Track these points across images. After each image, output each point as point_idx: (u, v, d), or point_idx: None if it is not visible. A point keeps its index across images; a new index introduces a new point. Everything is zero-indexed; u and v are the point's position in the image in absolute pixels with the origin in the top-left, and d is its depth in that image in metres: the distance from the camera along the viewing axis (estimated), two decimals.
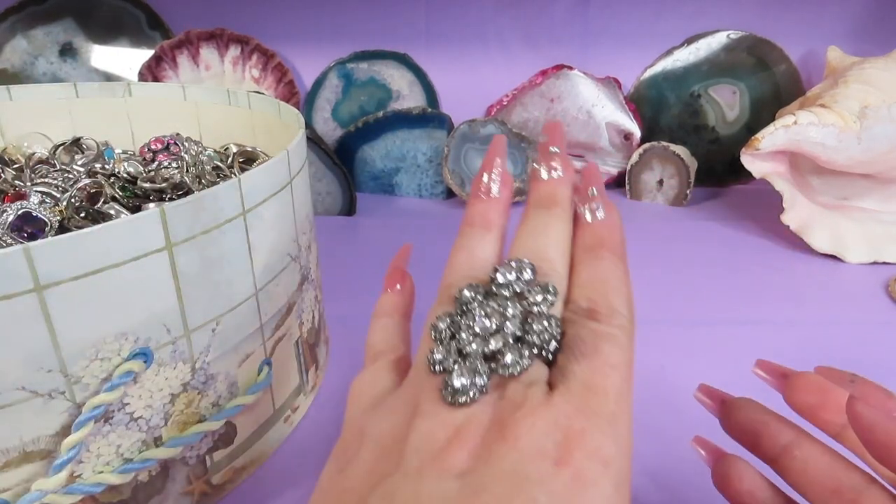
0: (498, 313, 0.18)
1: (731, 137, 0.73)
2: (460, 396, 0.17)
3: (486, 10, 0.73)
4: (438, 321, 0.19)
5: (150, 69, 0.69)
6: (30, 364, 0.20)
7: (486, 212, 0.23)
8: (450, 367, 0.18)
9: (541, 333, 0.18)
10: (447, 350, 0.18)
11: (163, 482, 0.26)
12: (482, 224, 0.22)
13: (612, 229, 0.22)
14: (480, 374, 0.17)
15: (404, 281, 0.25)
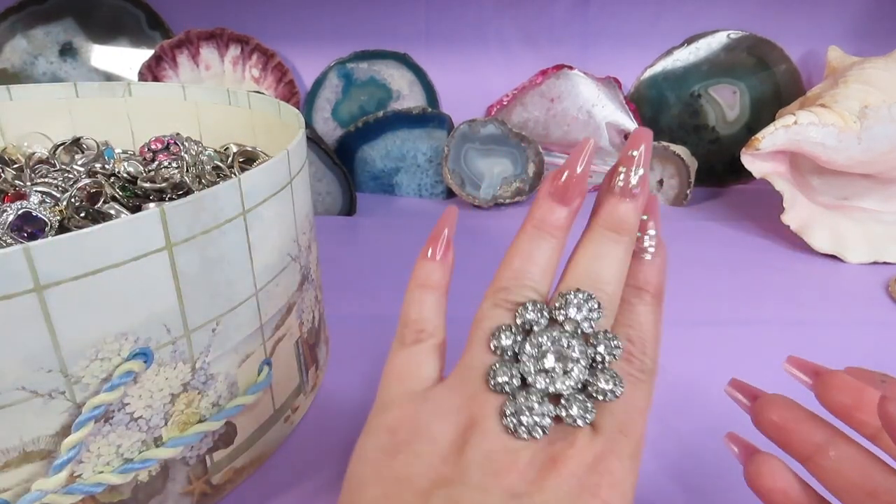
0: (565, 355, 0.19)
1: (731, 137, 0.73)
2: (524, 433, 0.18)
3: (486, 10, 0.73)
4: (501, 335, 0.20)
5: (150, 69, 0.69)
6: (30, 364, 0.20)
7: (556, 218, 0.22)
8: (515, 395, 0.19)
9: (606, 393, 0.19)
10: (510, 372, 0.19)
11: (163, 482, 0.26)
12: (549, 230, 0.22)
13: (660, 272, 0.22)
14: (546, 417, 0.19)
15: (448, 251, 0.23)
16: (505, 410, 0.19)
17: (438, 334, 0.22)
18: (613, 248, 0.21)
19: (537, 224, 0.22)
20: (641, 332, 0.21)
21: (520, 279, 0.21)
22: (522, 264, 0.21)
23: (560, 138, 0.71)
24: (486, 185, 0.66)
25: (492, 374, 0.19)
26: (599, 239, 0.21)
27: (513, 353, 0.20)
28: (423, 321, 0.22)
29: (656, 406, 0.36)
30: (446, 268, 0.23)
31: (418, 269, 0.23)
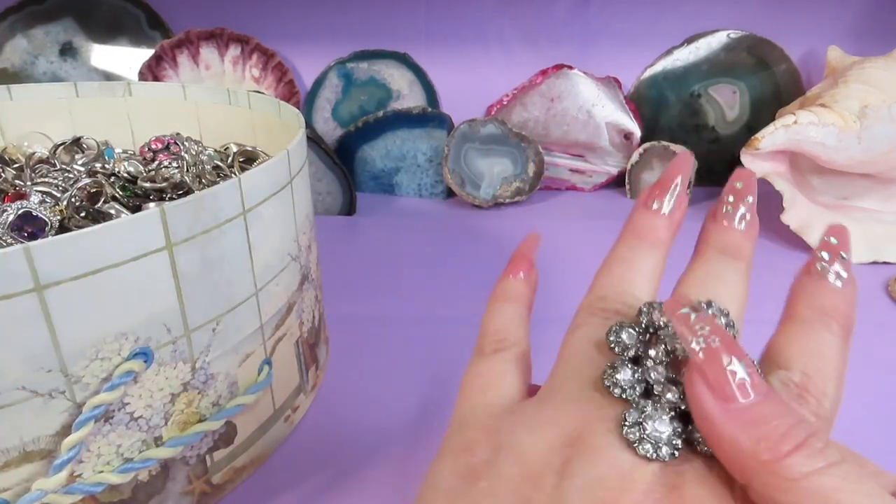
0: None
1: (731, 137, 0.73)
2: (649, 450, 0.15)
3: (486, 10, 0.72)
4: (622, 330, 0.17)
5: (151, 69, 0.69)
6: (30, 364, 0.20)
7: (657, 227, 0.20)
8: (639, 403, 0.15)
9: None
10: (633, 375, 0.16)
11: (163, 482, 0.26)
12: (652, 239, 0.20)
13: (851, 305, 0.18)
14: (678, 437, 0.15)
15: (531, 271, 0.22)
16: (627, 419, 0.15)
17: (521, 344, 0.20)
18: (729, 269, 0.19)
19: (637, 233, 0.20)
20: (823, 365, 0.17)
21: (621, 286, 0.19)
22: (623, 271, 0.19)
23: (560, 138, 0.71)
24: (485, 184, 0.66)
25: (611, 372, 0.16)
26: (715, 260, 0.19)
27: (633, 354, 0.16)
28: (504, 331, 0.20)
29: None
30: (530, 286, 0.22)
31: (498, 286, 0.22)
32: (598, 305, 0.19)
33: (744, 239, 0.20)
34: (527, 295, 0.22)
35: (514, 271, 0.22)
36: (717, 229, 0.20)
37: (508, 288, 0.22)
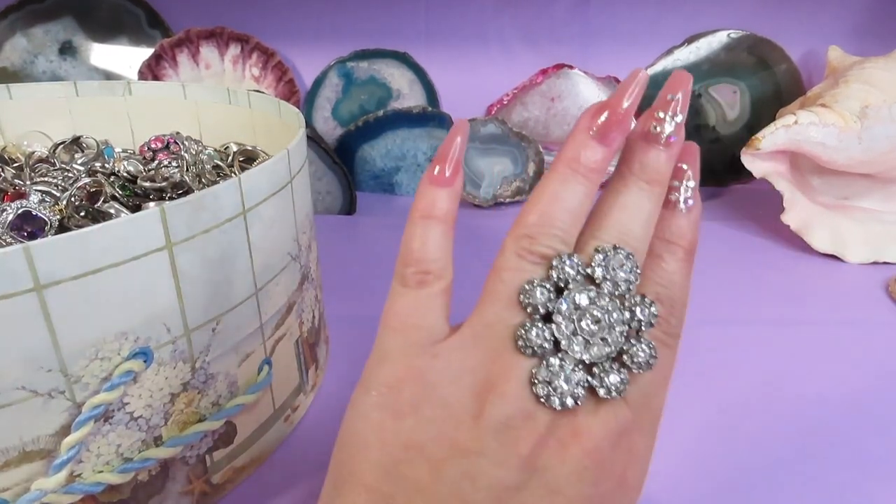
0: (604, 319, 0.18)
1: (731, 137, 0.72)
2: (556, 402, 0.17)
3: (487, 9, 0.72)
4: (536, 291, 0.18)
5: (150, 68, 0.69)
6: (30, 364, 0.20)
7: (593, 160, 0.19)
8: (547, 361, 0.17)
9: (641, 365, 0.18)
10: (544, 333, 0.17)
11: (163, 482, 0.26)
12: (585, 172, 0.19)
13: (695, 227, 0.21)
14: (580, 386, 0.17)
15: (457, 175, 0.20)
16: (537, 375, 0.17)
17: (446, 276, 0.19)
18: (643, 200, 0.19)
19: (571, 163, 0.19)
20: (671, 291, 0.19)
21: (547, 226, 0.18)
22: (551, 208, 0.18)
23: (560, 137, 0.71)
24: (486, 184, 0.66)
25: (523, 333, 0.17)
26: (629, 188, 0.19)
27: (545, 312, 0.18)
28: (428, 261, 0.19)
29: None
30: (454, 195, 0.20)
31: (422, 196, 0.20)
32: (525, 246, 0.18)
33: (664, 161, 0.19)
34: (453, 209, 0.20)
35: (439, 175, 0.20)
36: (639, 148, 0.19)
37: (435, 202, 0.19)
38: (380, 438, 0.17)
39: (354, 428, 0.18)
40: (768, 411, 0.36)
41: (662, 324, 0.19)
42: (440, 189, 0.20)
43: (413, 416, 0.17)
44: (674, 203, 0.20)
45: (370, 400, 0.18)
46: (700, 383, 0.38)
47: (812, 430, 0.35)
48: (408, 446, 0.17)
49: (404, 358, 0.18)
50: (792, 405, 0.37)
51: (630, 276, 0.18)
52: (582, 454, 0.17)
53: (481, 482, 0.17)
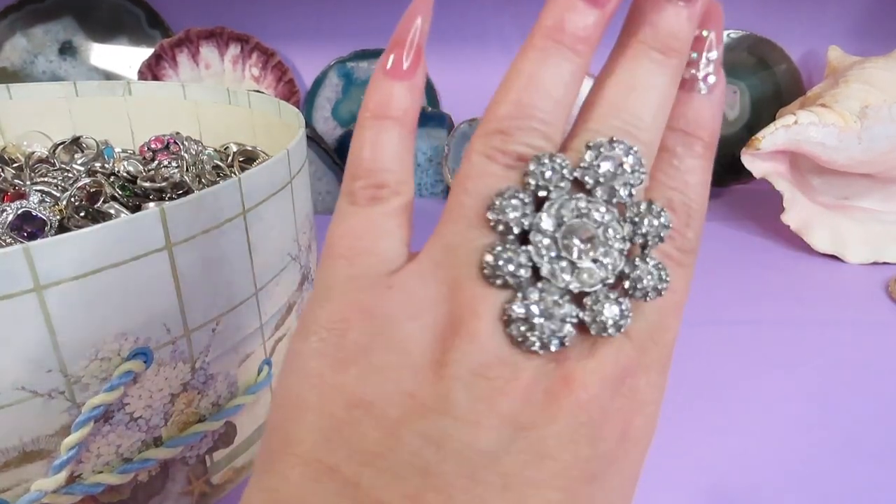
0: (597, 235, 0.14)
1: (731, 137, 0.72)
2: (536, 345, 0.13)
3: (487, 9, 0.72)
4: (506, 204, 0.14)
5: (150, 68, 0.69)
6: (30, 364, 0.20)
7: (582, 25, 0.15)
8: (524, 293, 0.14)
9: (648, 292, 0.14)
10: (518, 258, 0.13)
11: (163, 482, 0.26)
12: (571, 42, 0.15)
13: (717, 112, 0.16)
14: (567, 323, 0.14)
15: (418, 63, 0.15)
16: (510, 313, 0.13)
17: (404, 191, 0.15)
18: (656, 76, 0.15)
19: (551, 33, 0.15)
20: (687, 196, 0.15)
21: (524, 117, 0.14)
22: (527, 95, 0.14)
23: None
24: None
25: (491, 259, 0.13)
26: (638, 61, 0.15)
27: (520, 231, 0.14)
28: (382, 171, 0.15)
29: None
30: (414, 90, 0.15)
31: (375, 91, 0.16)
32: (496, 145, 0.14)
33: (685, 22, 0.15)
34: (414, 108, 0.16)
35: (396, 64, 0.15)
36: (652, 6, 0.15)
37: (390, 98, 0.15)
38: (318, 395, 0.14)
39: (289, 383, 0.14)
40: (768, 411, 0.36)
41: (676, 238, 0.15)
42: (397, 82, 0.15)
43: (360, 365, 0.14)
44: (691, 82, 0.16)
45: (307, 347, 0.14)
46: (700, 383, 0.38)
47: (812, 430, 0.35)
48: (353, 404, 0.13)
49: (351, 291, 0.14)
50: (792, 405, 0.37)
51: (632, 177, 0.14)
52: (575, 408, 0.13)
53: (449, 447, 0.13)
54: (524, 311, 0.13)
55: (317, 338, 0.14)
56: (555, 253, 0.14)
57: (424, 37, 0.15)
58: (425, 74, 0.16)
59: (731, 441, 0.34)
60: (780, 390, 0.38)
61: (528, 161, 0.14)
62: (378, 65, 0.16)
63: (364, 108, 0.16)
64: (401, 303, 0.14)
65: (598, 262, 0.14)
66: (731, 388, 0.38)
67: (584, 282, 0.14)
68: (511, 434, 0.13)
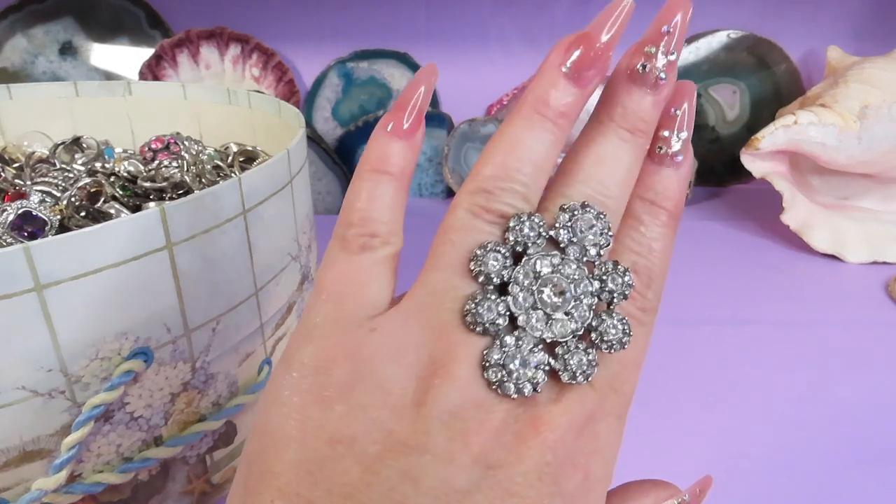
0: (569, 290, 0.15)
1: (731, 137, 0.73)
2: (511, 390, 0.14)
3: (486, 9, 0.72)
4: (488, 257, 0.15)
5: (151, 68, 0.69)
6: (30, 363, 0.20)
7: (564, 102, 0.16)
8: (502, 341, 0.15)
9: (612, 344, 0.15)
10: (497, 307, 0.15)
11: (163, 481, 0.26)
12: (554, 116, 0.16)
13: (682, 186, 0.17)
14: (541, 370, 0.15)
15: (418, 127, 0.17)
16: (488, 358, 0.14)
17: (394, 242, 0.17)
18: (624, 151, 0.16)
19: (537, 106, 0.16)
20: (649, 261, 0.17)
21: (506, 179, 0.16)
22: (511, 159, 0.16)
23: None
24: None
25: (472, 307, 0.15)
26: (608, 137, 0.16)
27: (500, 282, 0.15)
28: (375, 222, 0.16)
29: (656, 406, 0.36)
30: (412, 149, 0.17)
31: (374, 147, 0.17)
32: (480, 203, 0.16)
33: (651, 107, 0.16)
34: (409, 165, 0.17)
35: (397, 124, 0.17)
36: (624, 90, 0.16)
37: (389, 155, 0.17)
38: (301, 430, 0.14)
39: (271, 416, 0.15)
40: (768, 411, 0.36)
41: (637, 298, 0.16)
42: (396, 141, 0.17)
43: (343, 403, 0.14)
44: (660, 157, 0.17)
45: (291, 382, 0.15)
46: (700, 383, 0.38)
47: (812, 430, 0.35)
48: (335, 440, 0.14)
49: (336, 332, 0.15)
50: (792, 405, 0.37)
51: (601, 238, 0.15)
52: (542, 448, 0.14)
53: (424, 484, 0.14)
54: (501, 357, 0.14)
55: (300, 374, 0.15)
56: (530, 304, 0.15)
57: (426, 103, 0.17)
58: (423, 137, 0.17)
59: (731, 441, 0.34)
60: (780, 390, 0.38)
61: (508, 219, 0.15)
62: (380, 123, 0.17)
63: (364, 161, 0.17)
64: (383, 345, 0.15)
65: (570, 314, 0.15)
66: (730, 387, 0.38)
67: (556, 332, 0.15)
68: (482, 472, 0.14)
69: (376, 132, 0.17)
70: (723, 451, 0.33)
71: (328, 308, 0.16)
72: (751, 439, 0.34)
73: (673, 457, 0.32)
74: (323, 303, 0.16)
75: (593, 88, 0.16)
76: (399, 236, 0.17)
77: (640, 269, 0.17)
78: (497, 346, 0.15)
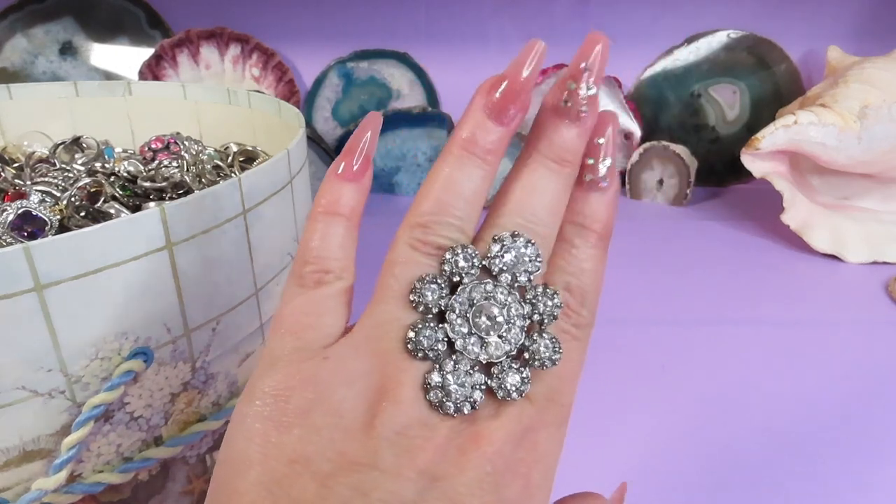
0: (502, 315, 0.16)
1: (731, 137, 0.72)
2: (451, 408, 0.16)
3: (486, 9, 0.72)
4: (426, 289, 0.16)
5: (151, 68, 0.69)
6: (30, 363, 0.20)
7: (489, 140, 0.17)
8: (441, 364, 0.16)
9: (544, 362, 0.17)
10: (435, 335, 0.16)
11: (163, 481, 0.26)
12: (481, 154, 0.17)
13: (610, 209, 0.19)
14: (478, 390, 0.16)
15: (366, 169, 0.19)
16: (429, 381, 0.16)
17: (347, 277, 0.18)
18: (552, 181, 0.18)
19: (465, 145, 0.17)
20: (581, 281, 0.18)
21: (441, 214, 0.17)
22: (445, 195, 0.17)
23: None
24: None
25: (413, 335, 0.16)
26: (536, 169, 0.18)
27: (438, 311, 0.16)
28: (328, 259, 0.18)
29: (656, 406, 0.36)
30: (361, 191, 0.18)
31: (326, 191, 0.18)
32: (418, 237, 0.17)
33: (576, 139, 0.18)
34: (358, 205, 0.19)
35: (347, 169, 0.18)
36: (549, 123, 0.18)
37: (340, 197, 0.18)
38: (262, 453, 0.15)
39: (235, 443, 0.16)
40: (768, 411, 0.36)
41: (572, 316, 0.18)
42: (346, 184, 0.18)
43: (300, 427, 0.15)
44: (589, 184, 0.18)
45: (253, 410, 0.16)
46: (699, 383, 0.38)
47: (812, 430, 0.35)
48: (293, 460, 0.15)
49: (293, 363, 0.16)
50: (792, 405, 0.37)
51: (530, 265, 0.17)
52: (482, 460, 0.15)
53: (374, 497, 0.15)
54: (441, 379, 0.16)
55: (262, 402, 0.16)
56: (466, 329, 0.16)
57: (373, 147, 0.19)
58: (371, 179, 0.19)
59: (731, 440, 0.34)
60: (779, 390, 0.38)
61: (445, 251, 0.17)
62: (330, 168, 0.18)
63: (316, 204, 0.18)
64: (336, 372, 0.16)
65: (503, 337, 0.16)
66: (730, 387, 0.38)
67: (491, 354, 0.16)
68: (427, 484, 0.15)
69: (328, 176, 0.18)
70: (723, 451, 0.33)
71: (287, 340, 0.17)
72: (751, 439, 0.34)
73: (673, 456, 0.32)
74: (282, 336, 0.17)
75: (517, 125, 0.18)
76: (350, 272, 0.18)
77: (574, 289, 0.18)
78: (437, 370, 0.16)
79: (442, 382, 0.16)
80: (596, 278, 0.18)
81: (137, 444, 0.24)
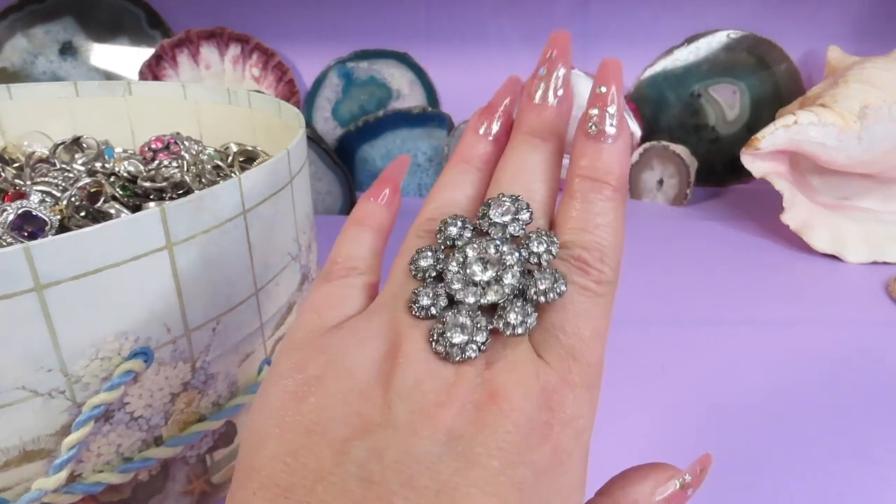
0: (495, 261, 0.17)
1: (731, 137, 0.72)
2: (457, 354, 0.16)
3: (486, 9, 0.72)
4: (419, 257, 0.17)
5: (151, 68, 0.69)
6: (30, 363, 0.20)
7: (487, 152, 0.21)
8: (442, 316, 0.16)
9: (546, 293, 0.16)
10: (433, 292, 0.17)
11: (163, 481, 0.26)
12: (477, 163, 0.21)
13: (622, 158, 0.18)
14: (481, 331, 0.16)
15: (394, 195, 0.22)
16: (433, 333, 0.16)
17: (371, 274, 0.19)
18: (530, 153, 0.19)
19: (465, 158, 0.21)
20: (598, 236, 0.17)
21: (447, 207, 0.19)
22: (450, 193, 0.20)
23: None
24: None
25: (414, 297, 0.17)
26: (518, 146, 0.20)
27: (436, 274, 0.17)
28: (356, 259, 0.19)
29: (656, 406, 0.36)
30: (390, 211, 0.21)
31: (360, 207, 0.21)
32: (425, 227, 0.19)
33: (557, 116, 0.20)
34: (387, 222, 0.21)
35: (376, 194, 0.21)
36: (527, 111, 0.20)
37: (368, 212, 0.21)
38: (280, 426, 0.15)
39: (255, 420, 0.16)
40: (768, 411, 0.36)
41: (592, 273, 0.17)
42: (379, 205, 0.21)
43: (315, 394, 0.15)
44: (594, 135, 0.18)
45: (275, 387, 0.16)
46: (699, 383, 0.38)
47: (812, 430, 0.35)
48: (310, 430, 0.15)
49: (312, 339, 0.17)
50: (792, 405, 0.37)
51: (519, 215, 0.17)
52: (500, 417, 0.15)
53: (389, 457, 0.14)
54: (443, 328, 0.16)
55: (280, 379, 0.16)
56: (463, 282, 0.17)
57: (402, 178, 0.22)
58: (400, 204, 0.22)
59: (731, 440, 0.34)
60: (779, 390, 0.38)
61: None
62: (365, 193, 0.21)
63: (350, 217, 0.21)
64: (348, 336, 0.17)
65: (500, 281, 0.17)
66: (730, 387, 0.38)
67: (490, 298, 0.17)
68: (444, 442, 0.14)
69: (362, 200, 0.21)
70: (723, 451, 0.33)
71: (308, 319, 0.18)
72: (751, 439, 0.34)
73: (673, 456, 0.32)
74: (303, 315, 0.18)
75: (505, 139, 0.21)
76: (376, 273, 0.20)
77: (590, 245, 0.17)
78: (439, 322, 0.16)
79: (444, 330, 0.16)
80: (614, 232, 0.18)
81: (137, 444, 0.24)
